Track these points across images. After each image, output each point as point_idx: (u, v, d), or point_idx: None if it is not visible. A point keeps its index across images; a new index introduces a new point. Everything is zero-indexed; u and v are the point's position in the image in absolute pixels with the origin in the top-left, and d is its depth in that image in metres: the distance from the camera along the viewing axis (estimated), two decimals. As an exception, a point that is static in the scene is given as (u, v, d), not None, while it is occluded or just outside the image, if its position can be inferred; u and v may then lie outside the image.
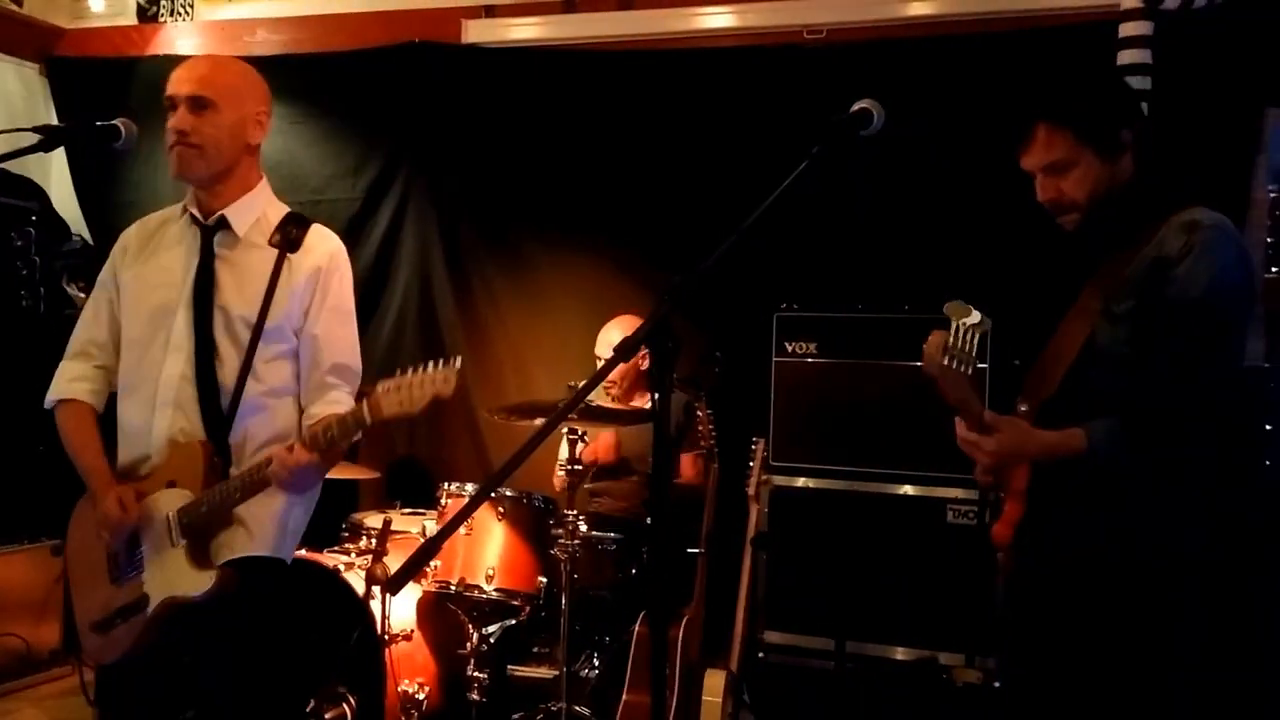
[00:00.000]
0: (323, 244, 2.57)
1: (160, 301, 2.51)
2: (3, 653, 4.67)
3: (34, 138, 2.54)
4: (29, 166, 5.19)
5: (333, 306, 2.55)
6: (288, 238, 2.52)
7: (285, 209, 2.61)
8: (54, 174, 5.65)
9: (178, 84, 2.49)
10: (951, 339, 2.07)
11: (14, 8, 5.58)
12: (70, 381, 2.59)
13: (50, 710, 4.48)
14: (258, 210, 2.56)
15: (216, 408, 2.44)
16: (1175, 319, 2.16)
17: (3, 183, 5.11)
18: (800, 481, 4.06)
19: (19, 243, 5.13)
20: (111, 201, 5.51)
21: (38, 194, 5.35)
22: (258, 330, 2.45)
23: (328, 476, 4.17)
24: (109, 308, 2.61)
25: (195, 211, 2.54)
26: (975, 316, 2.08)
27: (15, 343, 4.86)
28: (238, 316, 2.46)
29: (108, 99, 5.36)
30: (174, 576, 2.39)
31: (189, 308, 2.47)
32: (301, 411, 2.55)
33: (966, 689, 3.60)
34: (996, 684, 3.55)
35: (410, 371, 2.21)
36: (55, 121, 5.60)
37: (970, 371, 2.09)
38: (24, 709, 4.52)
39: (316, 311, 2.53)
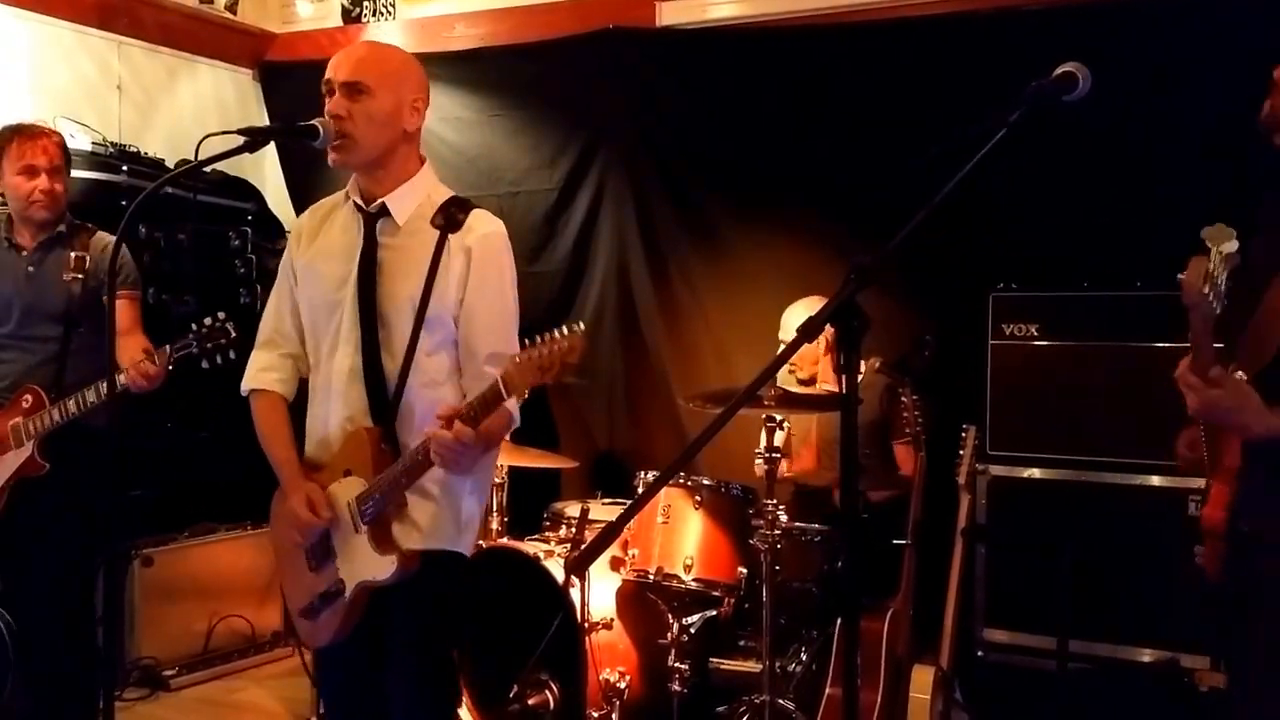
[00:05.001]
0: (481, 226, 2.51)
1: (329, 291, 2.51)
2: (229, 634, 4.90)
3: (240, 140, 2.56)
4: (245, 169, 5.43)
5: (481, 290, 2.48)
6: (449, 219, 2.48)
7: (449, 193, 2.57)
8: (269, 175, 5.88)
9: (335, 69, 2.48)
10: (1211, 266, 1.86)
11: (229, 16, 5.84)
12: (259, 371, 2.63)
13: (273, 689, 4.66)
14: (419, 196, 2.53)
15: (382, 400, 2.44)
16: None
17: (222, 185, 5.36)
18: (1025, 471, 3.86)
19: (236, 242, 5.38)
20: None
21: (254, 195, 5.58)
22: (419, 319, 2.42)
23: (531, 465, 4.27)
24: (290, 296, 2.62)
25: (358, 199, 2.53)
26: (1233, 244, 1.86)
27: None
28: (402, 303, 2.44)
29: (314, 101, 5.51)
30: (363, 561, 2.43)
31: (355, 298, 2.47)
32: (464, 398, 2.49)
33: (1212, 694, 3.33)
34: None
35: (540, 340, 2.16)
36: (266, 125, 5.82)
37: (1219, 309, 1.88)
38: (248, 688, 4.72)
39: (470, 293, 2.46)
